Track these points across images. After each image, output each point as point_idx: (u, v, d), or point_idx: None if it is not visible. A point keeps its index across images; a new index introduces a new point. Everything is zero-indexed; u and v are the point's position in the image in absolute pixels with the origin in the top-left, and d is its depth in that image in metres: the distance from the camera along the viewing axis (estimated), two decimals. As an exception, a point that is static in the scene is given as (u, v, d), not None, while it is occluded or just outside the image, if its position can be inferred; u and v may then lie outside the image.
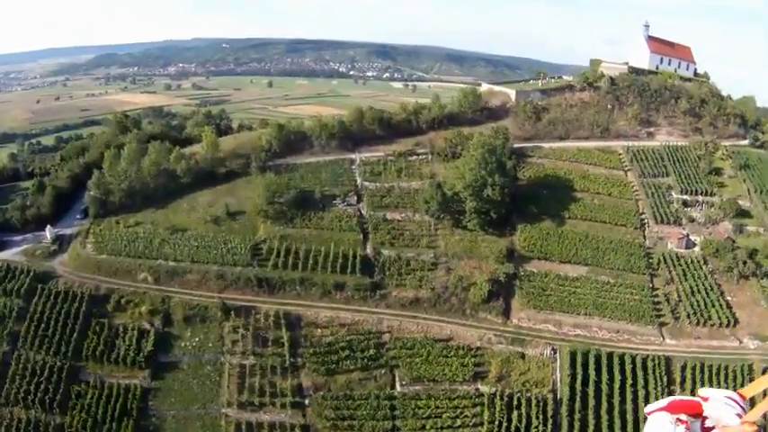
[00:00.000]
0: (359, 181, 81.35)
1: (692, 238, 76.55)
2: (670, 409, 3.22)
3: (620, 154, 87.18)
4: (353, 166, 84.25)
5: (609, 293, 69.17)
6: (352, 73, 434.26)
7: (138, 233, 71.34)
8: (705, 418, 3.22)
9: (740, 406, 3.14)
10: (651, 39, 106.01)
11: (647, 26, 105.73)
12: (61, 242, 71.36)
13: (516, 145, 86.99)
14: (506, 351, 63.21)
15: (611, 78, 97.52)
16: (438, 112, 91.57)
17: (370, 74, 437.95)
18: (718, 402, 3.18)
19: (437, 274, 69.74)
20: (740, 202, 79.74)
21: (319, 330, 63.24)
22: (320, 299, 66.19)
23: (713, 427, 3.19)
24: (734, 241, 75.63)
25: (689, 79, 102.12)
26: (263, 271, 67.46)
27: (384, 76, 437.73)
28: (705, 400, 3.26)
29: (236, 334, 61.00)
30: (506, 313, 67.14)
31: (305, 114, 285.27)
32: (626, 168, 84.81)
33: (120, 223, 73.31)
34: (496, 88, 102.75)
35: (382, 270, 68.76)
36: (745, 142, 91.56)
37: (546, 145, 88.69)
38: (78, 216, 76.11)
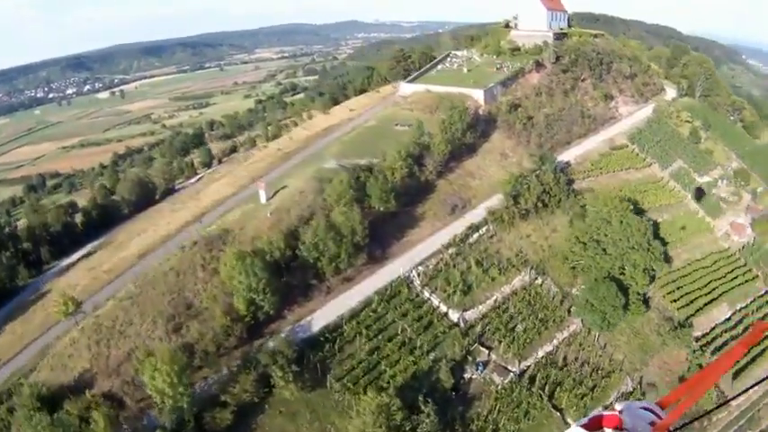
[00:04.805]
0: (454, 315, 51.46)
1: (738, 221, 76.27)
2: (590, 425, 3.25)
3: (628, 147, 78.93)
4: (416, 286, 52.99)
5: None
6: (51, 96, 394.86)
7: None
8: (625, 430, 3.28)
9: (654, 414, 3.23)
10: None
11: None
12: None
13: (545, 169, 69.12)
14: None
15: (555, 52, 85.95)
16: (444, 148, 64.68)
17: (70, 91, 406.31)
18: (630, 412, 3.26)
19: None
20: (733, 164, 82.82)
21: None
22: None
23: None
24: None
25: (595, 35, 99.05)
26: None
27: (86, 89, 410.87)
28: (620, 413, 3.30)
29: None
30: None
31: (25, 157, 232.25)
32: (648, 163, 77.47)
33: None
34: (439, 89, 78.89)
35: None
36: (674, 94, 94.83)
37: (563, 158, 73.48)
38: None
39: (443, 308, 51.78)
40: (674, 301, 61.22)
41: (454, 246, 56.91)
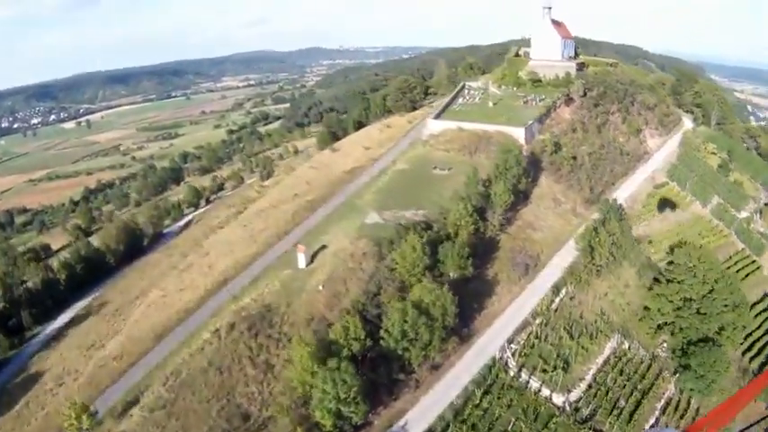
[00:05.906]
0: (557, 399, 46.16)
1: (779, 257, 75.22)
2: None
3: (669, 184, 76.58)
4: (512, 367, 47.42)
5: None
6: (16, 126, 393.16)
7: None
8: None
9: None
10: (554, 23, 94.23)
11: (549, 8, 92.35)
12: None
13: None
14: None
15: (583, 84, 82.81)
16: (507, 198, 59.48)
17: (35, 121, 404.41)
18: None
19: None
20: (762, 195, 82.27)
21: None
22: None
23: None
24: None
25: (610, 64, 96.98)
26: None
27: (51, 119, 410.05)
28: None
29: None
30: None
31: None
32: (690, 201, 75.32)
33: None
34: (473, 127, 73.96)
35: None
36: (690, 124, 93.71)
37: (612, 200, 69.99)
38: None
39: (546, 391, 46.51)
40: (747, 350, 58.55)
41: (540, 315, 51.69)
